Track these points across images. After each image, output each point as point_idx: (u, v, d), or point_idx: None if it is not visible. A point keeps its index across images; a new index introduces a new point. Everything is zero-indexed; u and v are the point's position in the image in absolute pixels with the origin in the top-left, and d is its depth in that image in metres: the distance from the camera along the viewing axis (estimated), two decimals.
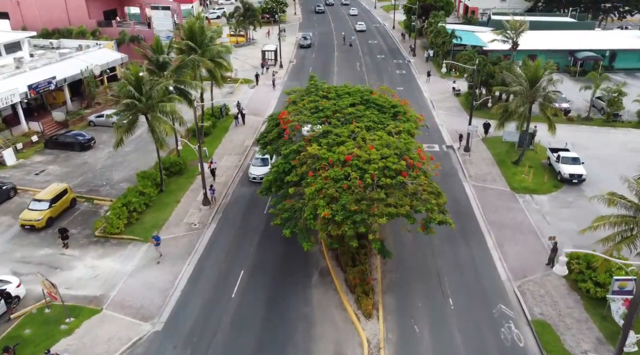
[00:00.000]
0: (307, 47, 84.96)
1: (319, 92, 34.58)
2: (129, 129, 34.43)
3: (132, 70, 33.71)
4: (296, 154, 28.43)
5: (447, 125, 51.24)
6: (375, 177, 25.54)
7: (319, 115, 30.75)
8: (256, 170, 40.04)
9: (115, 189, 38.76)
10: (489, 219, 34.29)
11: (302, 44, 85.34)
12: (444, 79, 66.80)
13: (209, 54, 42.62)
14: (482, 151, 44.79)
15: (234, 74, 68.37)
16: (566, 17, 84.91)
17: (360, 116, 30.79)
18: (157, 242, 29.48)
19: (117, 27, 73.08)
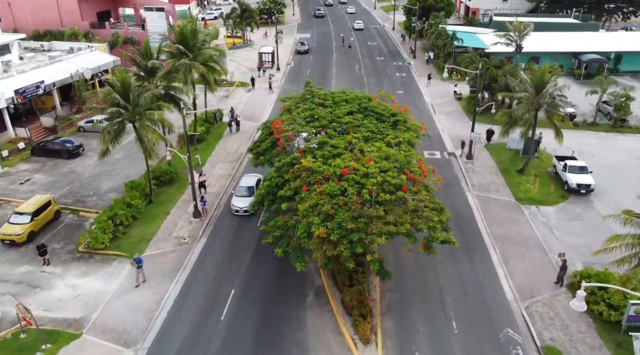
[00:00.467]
0: (304, 53, 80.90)
1: (314, 99, 32.95)
2: (116, 138, 32.75)
3: (118, 76, 32.04)
4: (290, 166, 26.79)
5: (449, 131, 49.57)
6: (373, 193, 23.91)
7: (314, 125, 29.11)
8: (240, 201, 35.11)
9: (102, 199, 37.11)
10: (493, 233, 32.63)
11: (299, 50, 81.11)
12: (444, 82, 65.05)
13: (201, 58, 40.93)
14: (485, 159, 43.13)
15: (229, 76, 66.75)
16: (569, 18, 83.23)
17: (358, 126, 29.14)
18: (138, 265, 27.56)
19: (111, 28, 71.44)
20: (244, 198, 35.22)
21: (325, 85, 63.76)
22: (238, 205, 35.09)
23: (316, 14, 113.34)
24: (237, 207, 35.05)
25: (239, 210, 34.93)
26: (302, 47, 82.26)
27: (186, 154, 32.84)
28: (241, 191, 36.00)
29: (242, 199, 35.14)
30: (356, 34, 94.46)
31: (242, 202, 34.97)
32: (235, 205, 35.25)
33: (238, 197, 35.61)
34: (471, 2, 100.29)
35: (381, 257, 24.73)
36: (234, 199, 35.73)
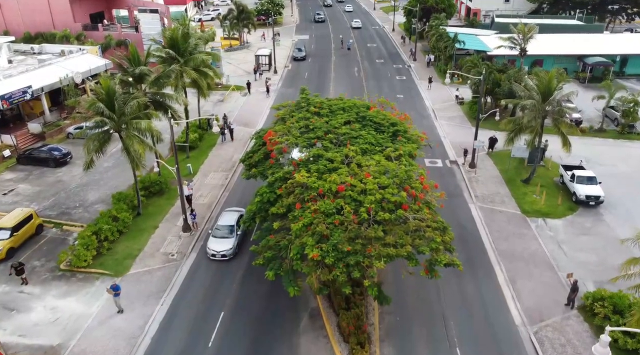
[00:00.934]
0: (301, 59, 76.03)
1: (310, 107, 31.25)
2: (100, 148, 31.06)
3: (103, 84, 30.34)
4: (282, 181, 25.09)
5: (451, 138, 47.87)
6: (371, 211, 22.23)
7: (309, 136, 27.40)
8: (218, 243, 29.92)
9: (89, 211, 35.44)
10: (498, 248, 30.93)
11: (296, 56, 76.31)
12: (446, 86, 63.39)
13: (192, 63, 39.24)
14: (488, 167, 41.43)
15: (225, 80, 65.09)
16: (573, 20, 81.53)
17: (356, 137, 27.44)
18: (115, 292, 25.60)
19: (104, 30, 69.70)
20: (223, 240, 30.24)
21: (323, 89, 62.22)
22: (215, 249, 29.73)
23: (316, 19, 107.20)
24: (213, 251, 29.73)
25: (215, 255, 29.67)
26: (299, 53, 77.34)
27: (175, 165, 31.06)
28: (220, 231, 30.82)
29: (221, 241, 30.16)
30: (355, 35, 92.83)
31: (221, 244, 29.95)
32: (212, 248, 29.81)
33: (216, 239, 30.38)
34: (472, 3, 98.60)
35: (380, 281, 23.04)
36: (211, 240, 30.48)
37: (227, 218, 32.03)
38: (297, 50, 78.53)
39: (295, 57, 76.91)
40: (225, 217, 32.29)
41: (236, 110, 55.95)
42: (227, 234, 30.68)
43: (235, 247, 30.26)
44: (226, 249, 29.87)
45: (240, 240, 31.11)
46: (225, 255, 29.81)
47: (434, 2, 79.03)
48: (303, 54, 77.21)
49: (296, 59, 76.47)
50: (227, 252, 29.79)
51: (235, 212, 32.60)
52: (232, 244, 30.19)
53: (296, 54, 77.65)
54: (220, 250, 29.85)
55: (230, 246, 30.04)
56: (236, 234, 30.77)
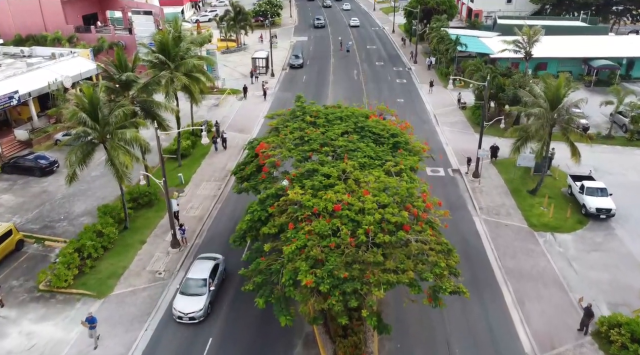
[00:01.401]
0: (298, 67, 71.20)
1: (305, 117, 29.52)
2: (84, 160, 29.31)
3: (86, 92, 28.60)
4: (275, 198, 23.35)
5: (453, 144, 46.14)
6: (370, 233, 20.50)
7: (304, 149, 25.65)
8: (187, 303, 24.96)
9: (73, 224, 33.72)
10: (505, 266, 29.20)
11: (293, 64, 71.51)
12: (447, 90, 61.52)
13: (184, 68, 37.47)
14: (493, 177, 39.69)
15: (221, 83, 63.42)
16: (577, 21, 79.79)
17: (354, 150, 25.70)
18: (91, 325, 23.58)
19: (97, 32, 67.93)
20: (193, 298, 25.16)
21: (322, 93, 60.54)
22: (182, 310, 24.69)
23: (315, 24, 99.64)
24: (179, 313, 24.70)
25: (182, 317, 24.69)
26: (297, 60, 72.21)
27: (163, 178, 29.31)
28: (190, 286, 25.65)
29: (191, 300, 25.07)
30: (354, 36, 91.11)
31: (190, 304, 24.87)
32: (179, 309, 24.77)
33: (184, 297, 25.29)
34: (474, 4, 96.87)
35: (379, 310, 21.31)
36: (178, 298, 25.37)
37: (199, 269, 26.84)
38: (294, 57, 73.80)
39: (292, 64, 72.14)
40: (197, 267, 27.08)
41: (232, 115, 54.25)
42: (198, 290, 25.59)
43: (207, 307, 25.27)
44: (195, 310, 24.72)
45: (214, 297, 26.38)
46: (194, 317, 24.71)
47: (435, 3, 77.31)
48: (300, 61, 72.47)
49: (293, 67, 71.71)
50: (196, 314, 24.70)
51: (210, 260, 27.62)
52: (202, 303, 24.97)
53: (293, 61, 72.78)
54: (189, 311, 24.69)
55: (201, 307, 24.84)
56: (209, 290, 25.70)
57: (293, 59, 73.24)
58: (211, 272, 26.69)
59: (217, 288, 26.79)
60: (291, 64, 72.47)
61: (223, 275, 28.10)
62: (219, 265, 27.68)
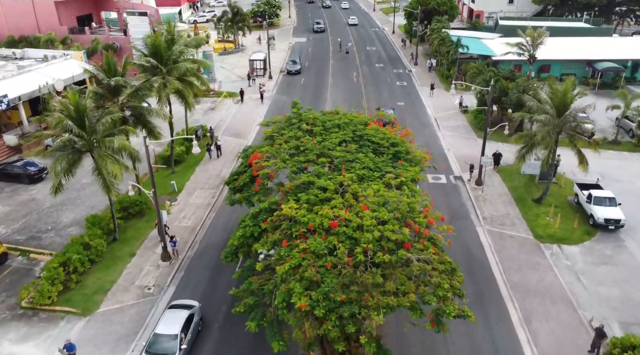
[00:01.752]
0: (295, 73, 67.57)
1: (301, 124, 28.23)
2: (70, 170, 28.02)
3: (72, 99, 27.30)
4: (268, 213, 22.07)
5: (455, 150, 44.83)
6: (369, 252, 19.22)
7: (300, 160, 24.35)
8: None
9: (61, 235, 32.46)
10: (511, 281, 27.91)
11: (290, 70, 67.95)
12: (448, 92, 60.33)
13: (176, 72, 36.18)
14: (496, 185, 38.39)
15: (217, 86, 62.15)
16: (580, 22, 78.50)
17: (352, 160, 24.40)
18: (69, 352, 22.13)
19: (91, 34, 66.65)
20: None
21: (320, 95, 59.26)
22: None
23: (315, 29, 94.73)
24: None
25: None
26: (294, 66, 68.52)
27: (152, 189, 28.01)
28: (157, 343, 22.08)
29: None
30: (354, 37, 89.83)
31: None
32: None
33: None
34: (475, 5, 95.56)
35: (378, 335, 20.01)
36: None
37: (169, 321, 22.92)
38: (292, 62, 69.93)
39: (289, 70, 68.36)
40: (167, 319, 23.17)
41: (228, 119, 52.96)
42: (168, 349, 21.95)
43: None
44: None
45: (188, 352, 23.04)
46: None
47: (435, 4, 75.96)
48: (298, 66, 68.72)
49: (290, 73, 67.99)
50: None
51: (182, 311, 23.67)
52: None
53: (290, 66, 68.97)
54: None
55: None
56: (180, 349, 22.01)
57: (290, 65, 69.53)
58: (184, 324, 22.80)
59: (190, 345, 23.15)
60: (288, 70, 68.62)
61: (199, 326, 24.30)
62: (193, 315, 23.84)
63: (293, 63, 69.76)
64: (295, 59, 70.94)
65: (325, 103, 56.32)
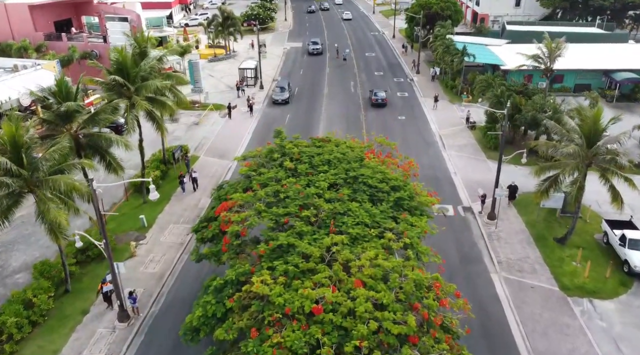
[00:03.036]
0: (283, 103, 55.66)
1: (285, 159, 23.58)
2: (6, 216, 23.32)
3: (6, 131, 22.58)
4: (235, 287, 17.41)
5: (463, 174, 40.13)
6: (363, 349, 14.59)
7: (278, 213, 19.65)
8: None
9: (5, 284, 27.76)
10: (535, 349, 23.21)
11: (276, 99, 55.61)
12: (454, 105, 55.76)
13: (145, 91, 31.48)
14: (511, 219, 33.68)
15: (204, 98, 57.45)
16: (592, 28, 73.77)
17: (343, 213, 19.72)
18: None
19: (68, 41, 61.88)
20: None
21: (315, 109, 54.56)
22: None
23: (310, 51, 77.39)
24: None
25: None
26: (281, 94, 55.54)
27: (104, 240, 23.32)
28: None
29: None
30: (351, 42, 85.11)
31: None
32: None
33: None
34: (479, 8, 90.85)
35: None
36: None
37: None
38: (279, 89, 56.66)
39: (275, 99, 55.76)
40: None
41: (213, 135, 48.22)
42: None
43: None
44: None
45: None
46: None
47: (439, 8, 71.22)
48: (286, 95, 55.78)
49: (277, 103, 55.67)
50: None
51: None
52: None
53: (277, 95, 55.97)
54: None
55: None
56: None
57: (277, 93, 56.40)
58: None
59: None
60: (274, 99, 56.02)
61: None
62: None
63: (281, 90, 56.70)
64: (284, 86, 57.67)
65: (320, 117, 51.74)
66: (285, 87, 57.44)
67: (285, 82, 59.70)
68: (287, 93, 56.48)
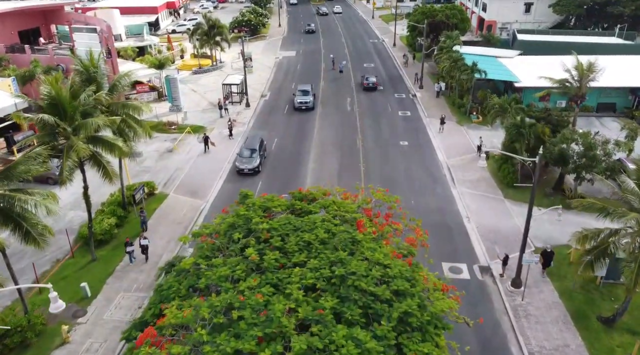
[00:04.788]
0: (251, 172, 39.02)
1: (249, 242, 17.29)
2: None
3: None
4: None
5: (477, 219, 33.86)
6: None
7: (226, 351, 13.23)
8: None
9: None
10: None
11: (241, 169, 39.13)
12: (462, 127, 49.51)
13: (85, 131, 25.14)
14: (542, 287, 27.30)
15: (181, 118, 51.20)
16: (612, 37, 67.44)
17: (323, 349, 13.35)
18: None
19: (33, 53, 55.53)
20: None
21: (305, 132, 48.35)
22: None
23: (297, 106, 53.87)
24: None
25: None
26: (248, 161, 39.02)
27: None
28: None
29: None
30: (349, 51, 78.94)
31: None
32: None
33: None
34: (486, 14, 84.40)
35: None
36: None
37: None
38: (248, 153, 39.70)
39: (239, 169, 39.17)
40: None
41: (187, 165, 41.86)
42: None
43: None
44: None
45: None
46: None
47: (443, 16, 64.94)
48: (255, 163, 39.11)
49: (242, 172, 39.22)
50: None
51: None
52: None
53: (242, 162, 39.18)
54: None
55: None
56: None
57: (243, 159, 39.35)
58: None
59: None
60: (239, 168, 39.12)
61: None
62: None
63: (250, 154, 39.51)
64: (254, 146, 40.04)
65: (311, 146, 45.44)
66: (256, 148, 39.91)
67: (255, 141, 41.22)
68: (258, 159, 39.21)
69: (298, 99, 54.19)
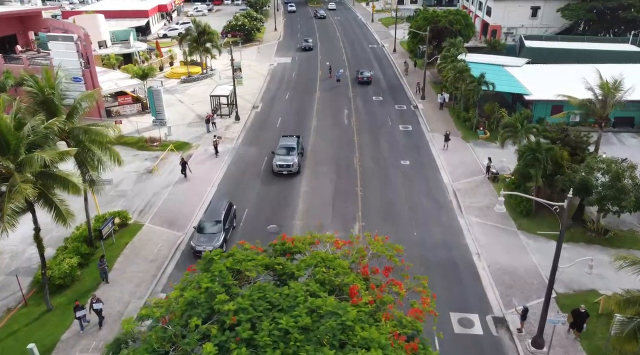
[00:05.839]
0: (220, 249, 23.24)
1: (210, 328, 13.47)
2: None
3: None
4: None
5: (488, 255, 30.02)
6: None
7: None
8: None
9: None
10: None
11: (198, 251, 28.27)
12: (468, 143, 45.67)
13: (30, 167, 21.28)
14: (565, 343, 23.48)
15: (165, 134, 47.35)
16: (626, 44, 63.52)
17: None
18: None
19: (6, 62, 51.73)
20: None
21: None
22: None
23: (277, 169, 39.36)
24: None
25: None
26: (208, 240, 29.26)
27: None
28: None
29: None
30: (347, 58, 75.20)
31: None
32: None
33: None
34: (491, 18, 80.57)
35: None
36: None
37: None
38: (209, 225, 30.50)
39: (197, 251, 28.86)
40: None
41: (167, 190, 37.98)
42: None
43: None
44: None
45: None
46: None
47: (447, 22, 61.09)
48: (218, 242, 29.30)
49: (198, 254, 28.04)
50: None
51: None
52: None
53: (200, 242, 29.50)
54: None
55: None
56: None
57: (201, 237, 29.74)
58: None
59: None
60: (194, 248, 29.49)
61: None
62: None
63: (212, 226, 30.30)
64: (217, 217, 30.70)
65: (304, 165, 41.55)
66: (220, 219, 30.54)
67: (219, 208, 31.63)
68: (221, 236, 29.69)
69: (278, 161, 39.40)
